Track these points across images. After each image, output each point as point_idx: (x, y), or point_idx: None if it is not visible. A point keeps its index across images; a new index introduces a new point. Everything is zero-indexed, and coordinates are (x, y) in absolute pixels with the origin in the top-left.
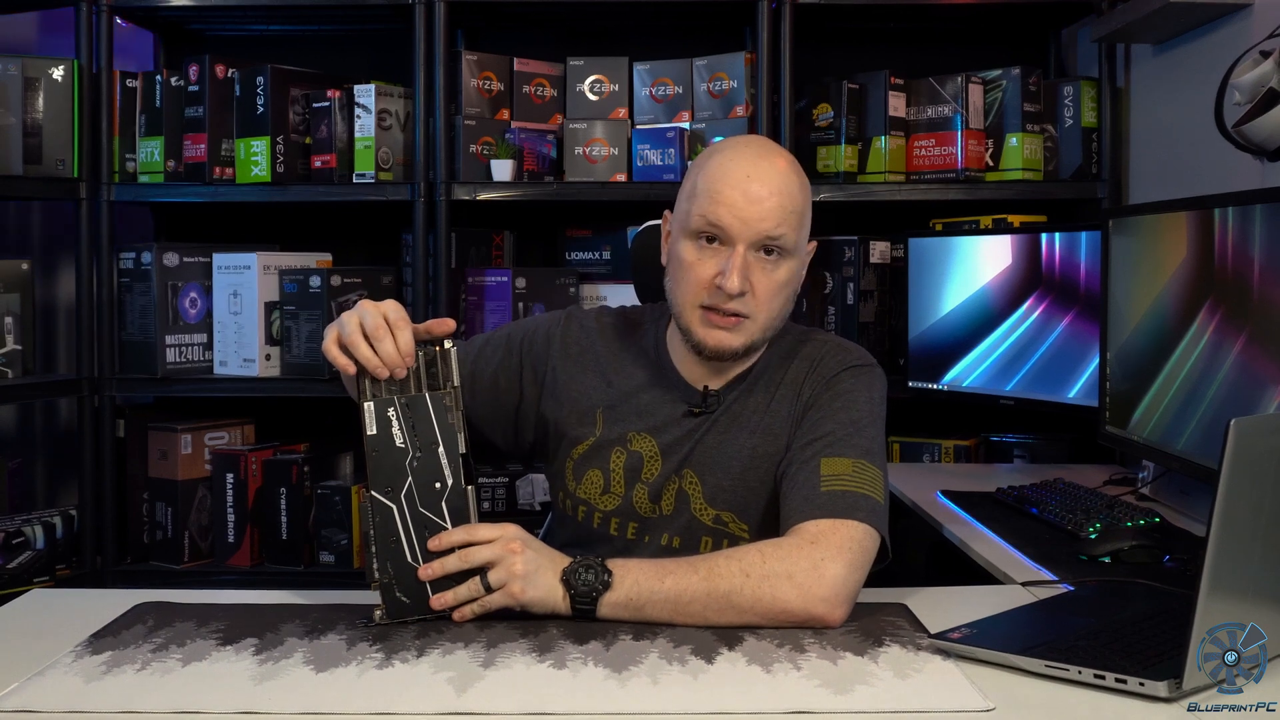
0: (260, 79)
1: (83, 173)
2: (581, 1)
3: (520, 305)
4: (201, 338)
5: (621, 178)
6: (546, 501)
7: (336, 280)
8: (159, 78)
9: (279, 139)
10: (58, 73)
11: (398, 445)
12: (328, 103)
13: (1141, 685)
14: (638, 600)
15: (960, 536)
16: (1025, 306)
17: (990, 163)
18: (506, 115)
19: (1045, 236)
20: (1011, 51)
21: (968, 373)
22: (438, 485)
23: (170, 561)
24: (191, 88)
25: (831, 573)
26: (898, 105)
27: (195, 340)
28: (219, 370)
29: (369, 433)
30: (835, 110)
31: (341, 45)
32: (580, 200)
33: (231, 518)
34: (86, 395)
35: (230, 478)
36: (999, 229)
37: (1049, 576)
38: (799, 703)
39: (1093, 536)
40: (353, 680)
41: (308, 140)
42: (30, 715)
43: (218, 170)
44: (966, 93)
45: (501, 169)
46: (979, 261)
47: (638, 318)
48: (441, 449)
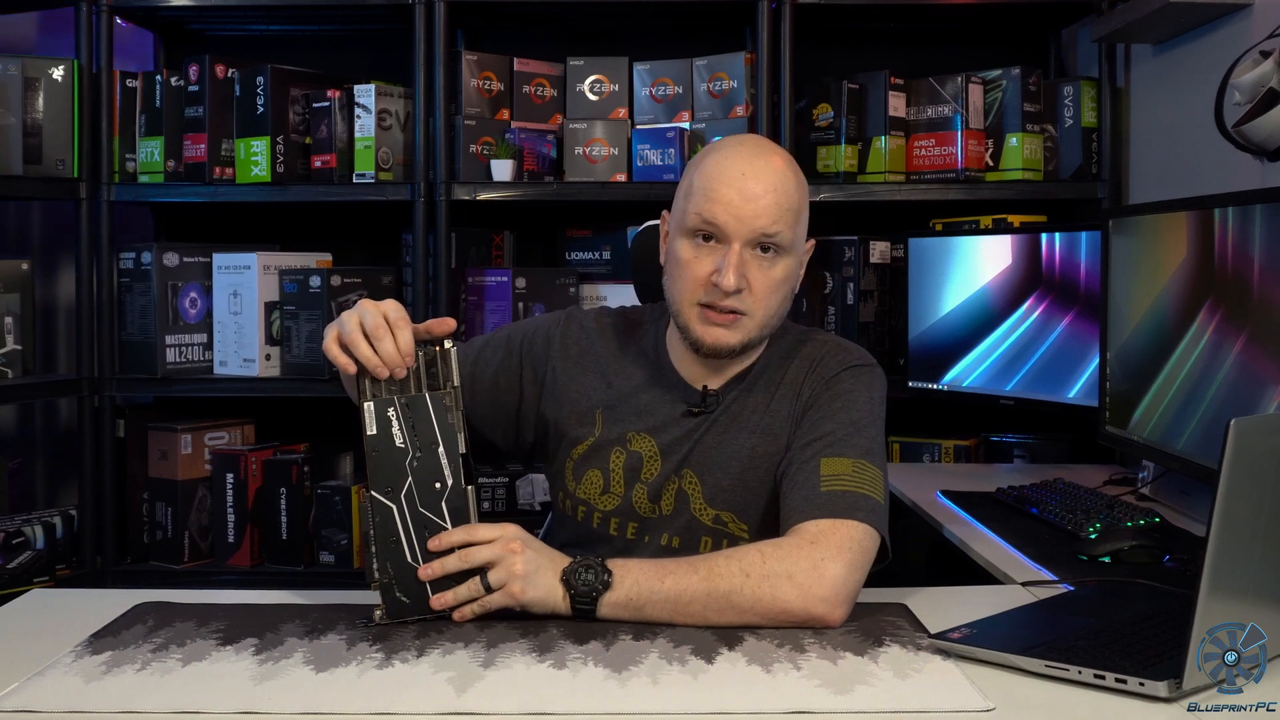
0: (260, 79)
1: (83, 173)
2: (581, 1)
3: (520, 305)
4: (201, 338)
5: (621, 178)
6: (546, 501)
7: (336, 280)
8: (159, 78)
9: (279, 139)
10: (58, 73)
11: (398, 445)
12: (328, 103)
13: (1141, 685)
14: (638, 600)
15: (960, 536)
16: (1025, 306)
17: (990, 163)
18: (506, 115)
19: (1045, 236)
20: (1011, 51)
21: (968, 373)
22: (438, 485)
23: (170, 561)
24: (191, 88)
25: (831, 573)
26: (898, 105)
27: (195, 340)
28: (219, 370)
29: (369, 433)
30: (835, 110)
31: (341, 45)
32: (580, 200)
33: (231, 518)
34: (86, 395)
35: (230, 478)
36: (999, 229)
37: (1049, 576)
38: (799, 703)
39: (1093, 536)
40: (353, 680)
41: (308, 140)
42: (30, 715)
43: (218, 170)
44: (966, 93)
45: (501, 169)
46: (979, 261)
47: (637, 318)
48: (441, 449)
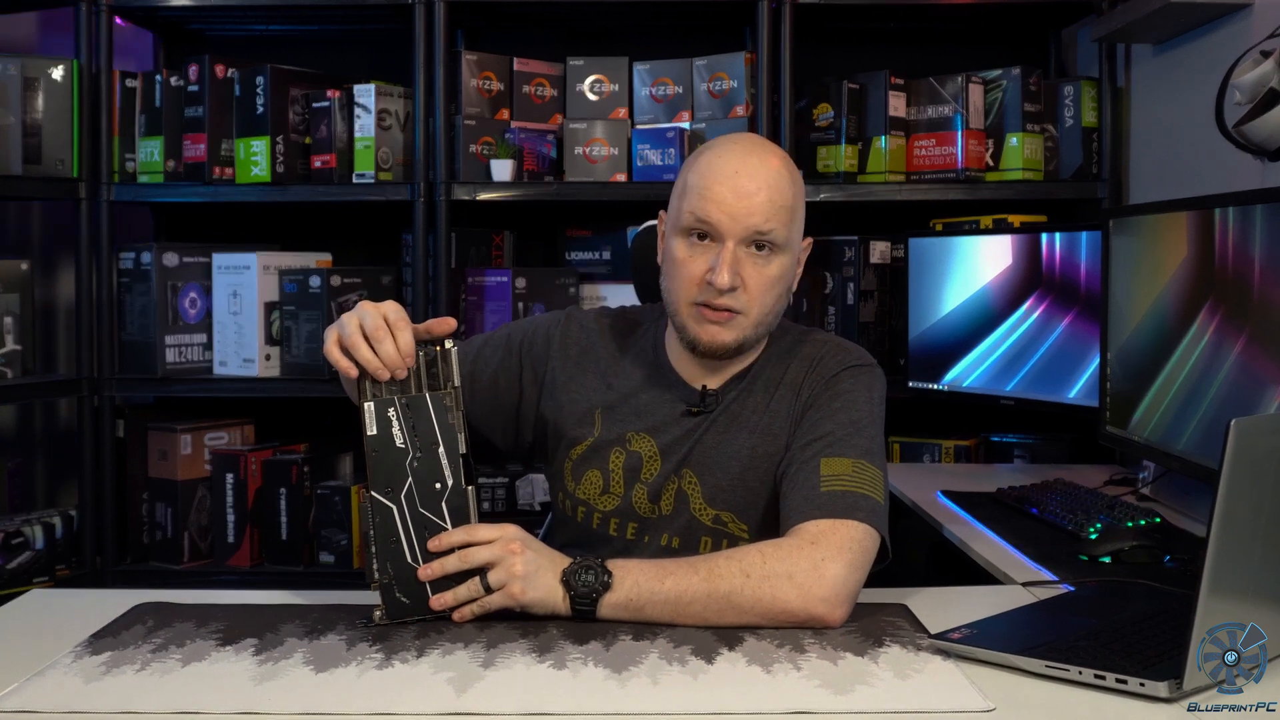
0: (260, 79)
1: (83, 173)
2: (581, 1)
3: (520, 305)
4: (201, 338)
5: (621, 178)
6: (546, 501)
7: (336, 280)
8: (159, 78)
9: (279, 139)
10: (58, 73)
11: (398, 445)
12: (328, 103)
13: (1142, 685)
14: (638, 601)
15: (960, 536)
16: (1025, 306)
17: (990, 163)
18: (506, 115)
19: (1045, 236)
20: (1011, 51)
21: (968, 373)
22: (438, 485)
23: (170, 561)
24: (191, 88)
25: (832, 573)
26: (898, 105)
27: (195, 340)
28: (219, 370)
29: (369, 433)
30: (835, 110)
31: (341, 45)
32: (580, 200)
33: (231, 518)
34: (86, 395)
35: (230, 478)
36: (999, 229)
37: (1049, 577)
38: (799, 703)
39: (1093, 537)
40: (353, 680)
41: (307, 140)
42: (30, 715)
43: (217, 170)
44: (966, 93)
45: (501, 169)
46: (979, 261)
47: (637, 318)
48: (442, 449)
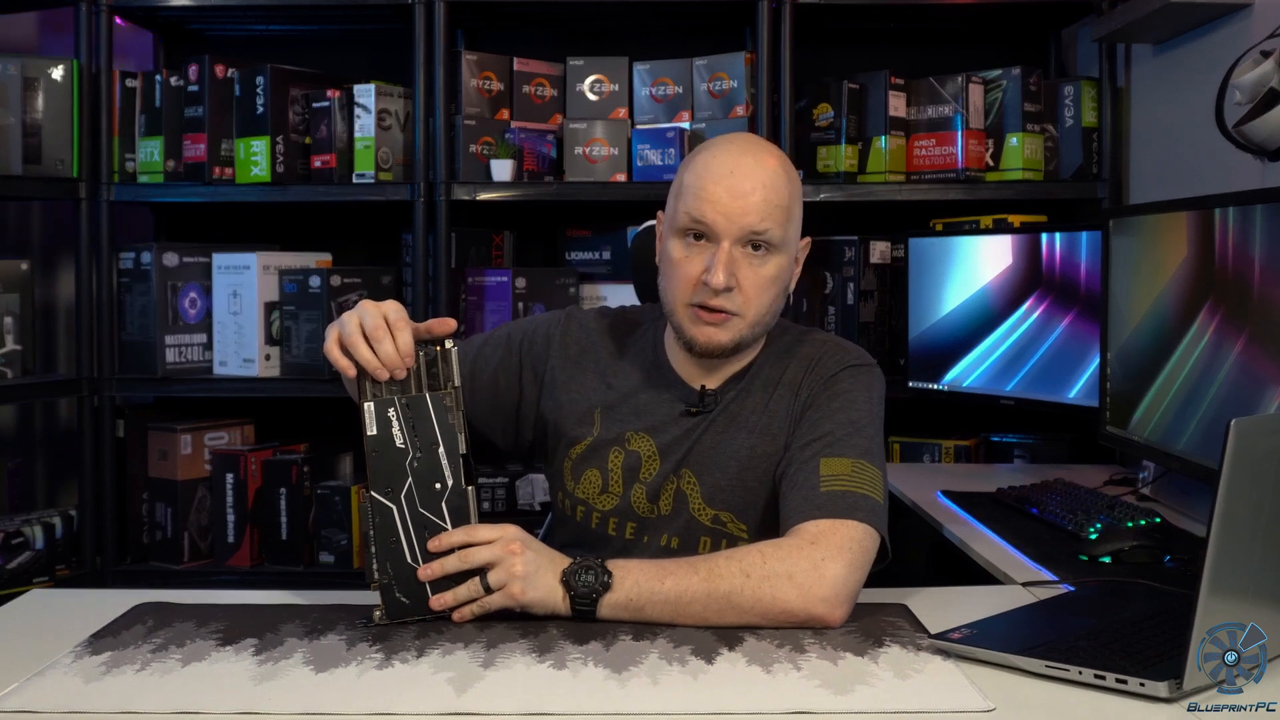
0: (260, 79)
1: (82, 173)
2: (581, 1)
3: (520, 305)
4: (201, 338)
5: (621, 178)
6: (546, 501)
7: (336, 280)
8: (159, 78)
9: (279, 139)
10: (57, 73)
11: (398, 445)
12: (328, 103)
13: (1142, 685)
14: (638, 601)
15: (960, 536)
16: (1025, 306)
17: (990, 163)
18: (506, 115)
19: (1045, 236)
20: (1011, 51)
21: (968, 373)
22: (438, 486)
23: (170, 561)
24: (191, 88)
25: (832, 573)
26: (898, 105)
27: (195, 340)
28: (219, 370)
29: (369, 433)
30: (835, 110)
31: (341, 45)
32: (580, 200)
33: (231, 518)
34: (86, 395)
35: (230, 478)
36: (999, 229)
37: (1049, 576)
38: (799, 703)
39: (1093, 537)
40: (353, 680)
41: (307, 140)
42: (30, 715)
43: (217, 170)
44: (967, 93)
45: (501, 169)
46: (979, 261)
47: (637, 318)
48: (442, 449)
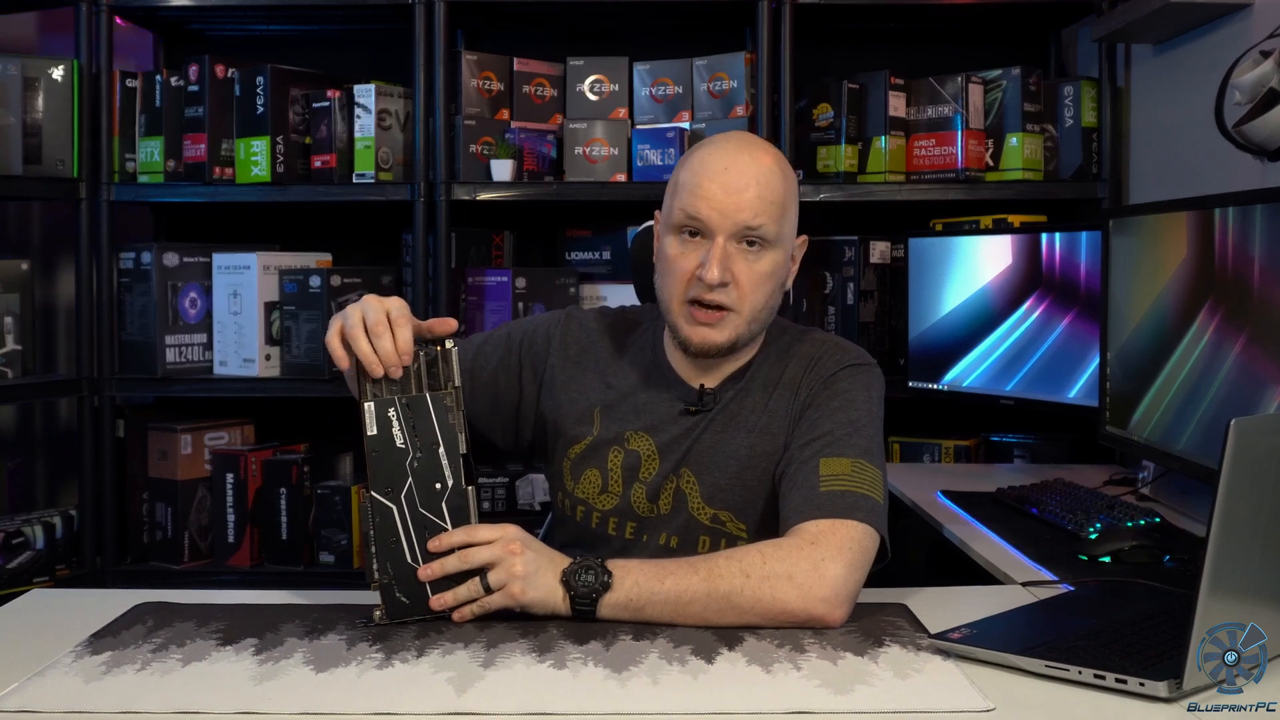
0: (260, 79)
1: (83, 173)
2: (581, 1)
3: (520, 305)
4: (201, 338)
5: (621, 178)
6: (546, 501)
7: (336, 280)
8: (159, 78)
9: (279, 139)
10: (58, 73)
11: (398, 445)
12: (328, 103)
13: (1141, 685)
14: (638, 601)
15: (960, 536)
16: (1025, 306)
17: (990, 163)
18: (506, 115)
19: (1045, 236)
20: (1011, 51)
21: (968, 373)
22: (438, 486)
23: (170, 561)
24: (191, 88)
25: (832, 573)
26: (898, 105)
27: (195, 340)
28: (219, 370)
29: (369, 433)
30: (835, 110)
31: (341, 45)
32: (580, 200)
33: (231, 518)
34: (86, 395)
35: (230, 478)
36: (999, 229)
37: (1049, 576)
38: (799, 703)
39: (1093, 536)
40: (353, 680)
41: (308, 140)
42: (30, 715)
43: (218, 170)
44: (966, 93)
45: (501, 169)
46: (979, 261)
47: (636, 317)
48: (442, 449)
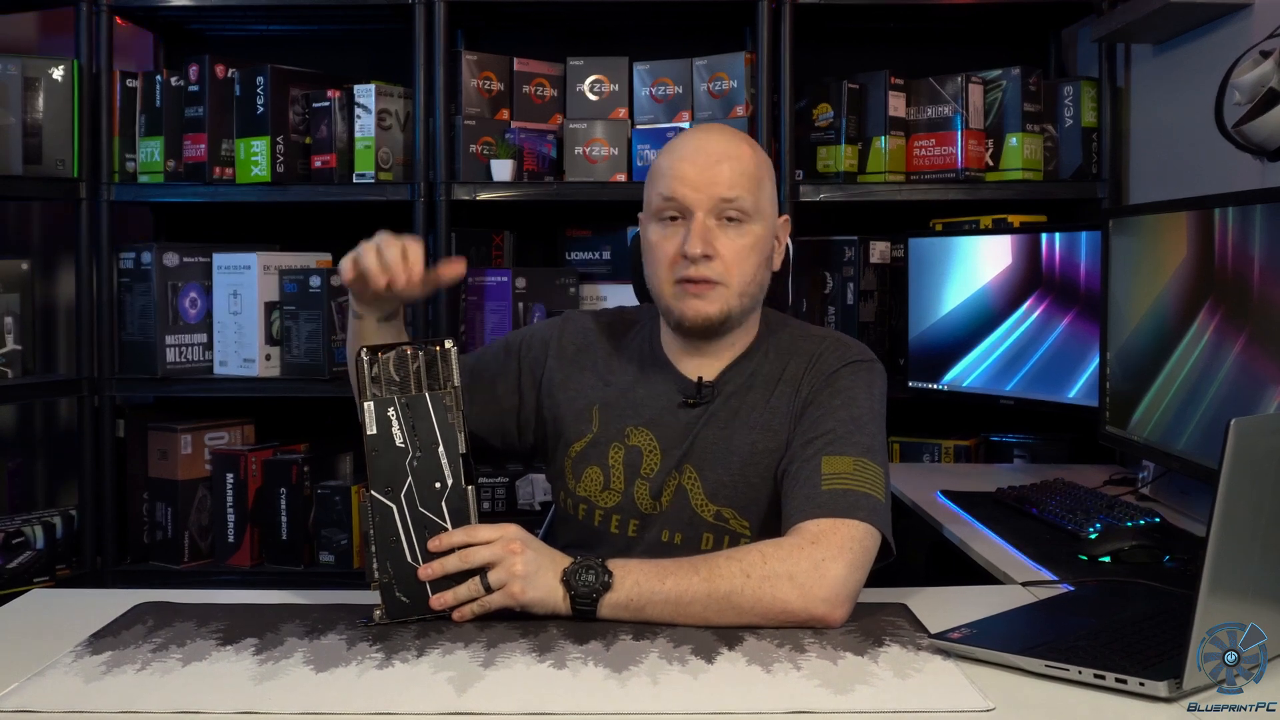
0: (260, 79)
1: (83, 173)
2: (581, 1)
3: (520, 305)
4: (201, 338)
5: (621, 178)
6: (546, 501)
7: (336, 280)
8: (159, 78)
9: (279, 139)
10: (58, 73)
11: (398, 445)
12: (328, 103)
13: (1141, 685)
14: (638, 601)
15: (960, 536)
16: (1025, 306)
17: (990, 163)
18: (506, 115)
19: (1045, 236)
20: (1011, 51)
21: (968, 373)
22: (438, 485)
23: (170, 561)
24: (191, 88)
25: (833, 573)
26: (898, 105)
27: (195, 340)
28: (219, 370)
29: (369, 432)
30: (835, 110)
31: (341, 45)
32: (580, 200)
33: (231, 518)
34: (86, 395)
35: (230, 478)
36: (999, 229)
37: (1049, 576)
38: (799, 703)
39: (1093, 536)
40: (353, 680)
41: (308, 140)
42: (30, 715)
43: (218, 170)
44: (966, 93)
45: (501, 169)
46: (979, 261)
47: (633, 317)
48: (442, 449)
